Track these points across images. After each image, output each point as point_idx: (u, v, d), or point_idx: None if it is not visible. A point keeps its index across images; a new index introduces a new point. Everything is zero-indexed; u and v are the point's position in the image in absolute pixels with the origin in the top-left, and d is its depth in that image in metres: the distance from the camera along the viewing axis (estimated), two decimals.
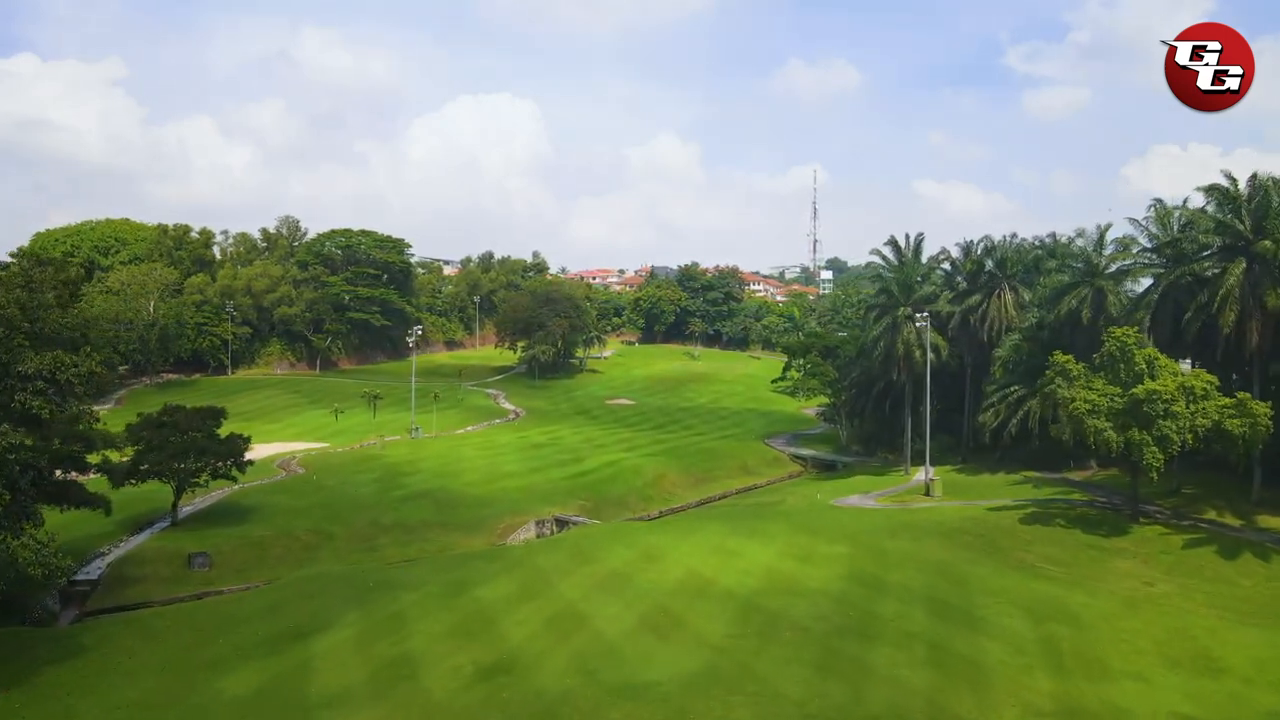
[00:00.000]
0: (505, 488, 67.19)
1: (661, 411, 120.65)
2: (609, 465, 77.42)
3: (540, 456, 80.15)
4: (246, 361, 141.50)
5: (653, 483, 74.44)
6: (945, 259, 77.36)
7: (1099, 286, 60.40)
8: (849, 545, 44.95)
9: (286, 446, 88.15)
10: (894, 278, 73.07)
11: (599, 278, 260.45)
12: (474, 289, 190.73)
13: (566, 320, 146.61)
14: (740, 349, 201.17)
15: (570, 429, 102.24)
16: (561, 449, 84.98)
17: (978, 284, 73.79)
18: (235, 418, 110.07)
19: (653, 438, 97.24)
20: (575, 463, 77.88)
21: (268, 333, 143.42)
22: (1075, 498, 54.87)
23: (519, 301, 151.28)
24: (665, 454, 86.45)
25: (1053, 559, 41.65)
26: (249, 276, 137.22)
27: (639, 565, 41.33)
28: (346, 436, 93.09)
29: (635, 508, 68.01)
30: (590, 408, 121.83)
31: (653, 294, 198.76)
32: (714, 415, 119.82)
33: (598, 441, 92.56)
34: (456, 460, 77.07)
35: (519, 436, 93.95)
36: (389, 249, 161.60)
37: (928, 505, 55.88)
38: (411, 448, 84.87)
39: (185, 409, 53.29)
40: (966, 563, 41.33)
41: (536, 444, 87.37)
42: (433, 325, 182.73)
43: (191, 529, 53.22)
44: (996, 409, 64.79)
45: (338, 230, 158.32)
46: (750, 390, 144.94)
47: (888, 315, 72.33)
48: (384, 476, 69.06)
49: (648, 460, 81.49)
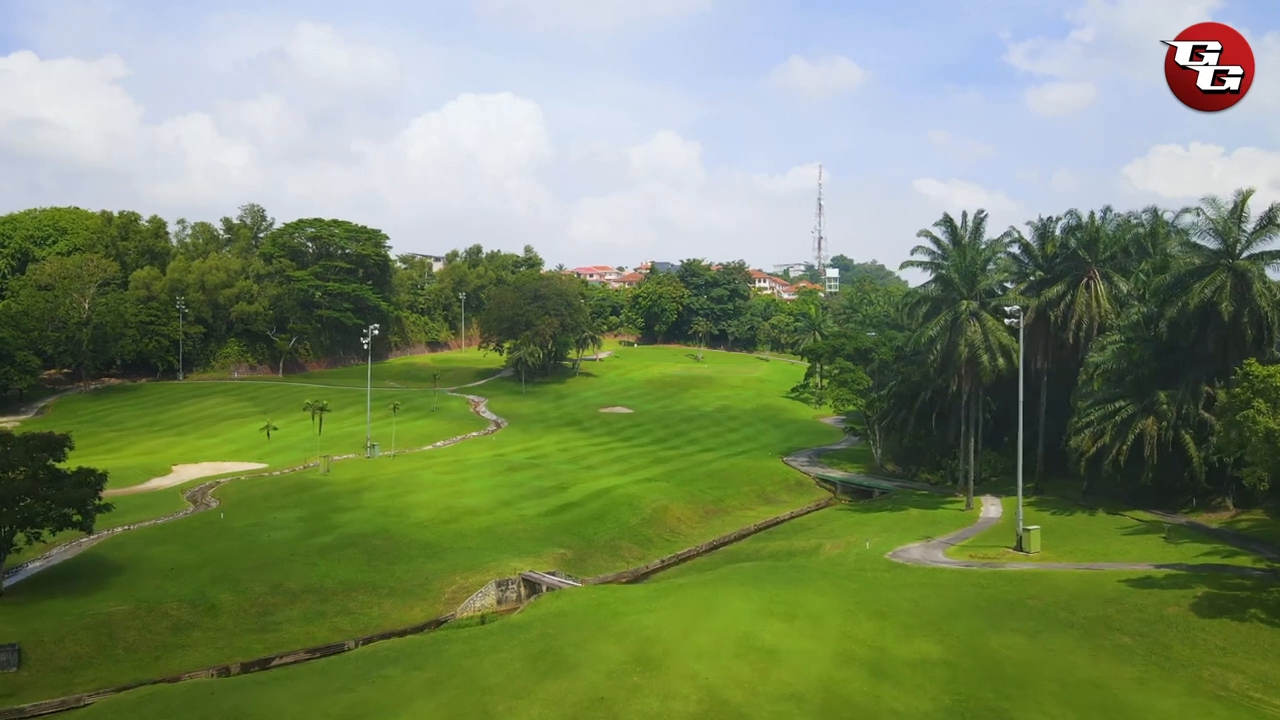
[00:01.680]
0: (464, 530, 52.82)
1: (662, 422, 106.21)
2: (599, 495, 63.08)
3: (515, 483, 65.79)
4: (201, 364, 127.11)
5: (652, 518, 60.06)
6: (1013, 241, 62.74)
7: (1242, 271, 45.87)
8: (938, 642, 30.76)
9: (214, 468, 73.90)
10: (952, 264, 58.58)
11: (596, 275, 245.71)
12: (460, 285, 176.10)
13: (557, 318, 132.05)
14: (747, 350, 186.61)
15: (556, 443, 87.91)
16: (543, 471, 70.65)
17: (1058, 271, 59.35)
18: (167, 430, 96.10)
19: (652, 455, 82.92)
20: (558, 491, 63.53)
21: (224, 332, 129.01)
22: (1246, 563, 39.39)
23: (504, 298, 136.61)
24: (668, 477, 72.19)
25: (1273, 682, 27.03)
26: (202, 270, 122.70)
27: (630, 680, 27.49)
28: (290, 454, 78.81)
29: (630, 556, 53.58)
30: (582, 417, 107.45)
31: (653, 290, 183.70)
32: (722, 426, 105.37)
33: (587, 460, 78.25)
34: (411, 488, 62.73)
35: (494, 454, 79.59)
36: (364, 241, 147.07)
37: (1028, 567, 41.01)
38: (362, 470, 70.56)
39: (12, 437, 38.83)
40: (1133, 687, 26.95)
41: (513, 465, 73.02)
42: (414, 325, 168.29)
43: (12, 603, 38.65)
44: (1096, 430, 50.30)
45: (307, 220, 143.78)
46: (760, 396, 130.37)
47: (945, 311, 57.88)
48: (313, 515, 54.72)
49: (646, 487, 67.20)
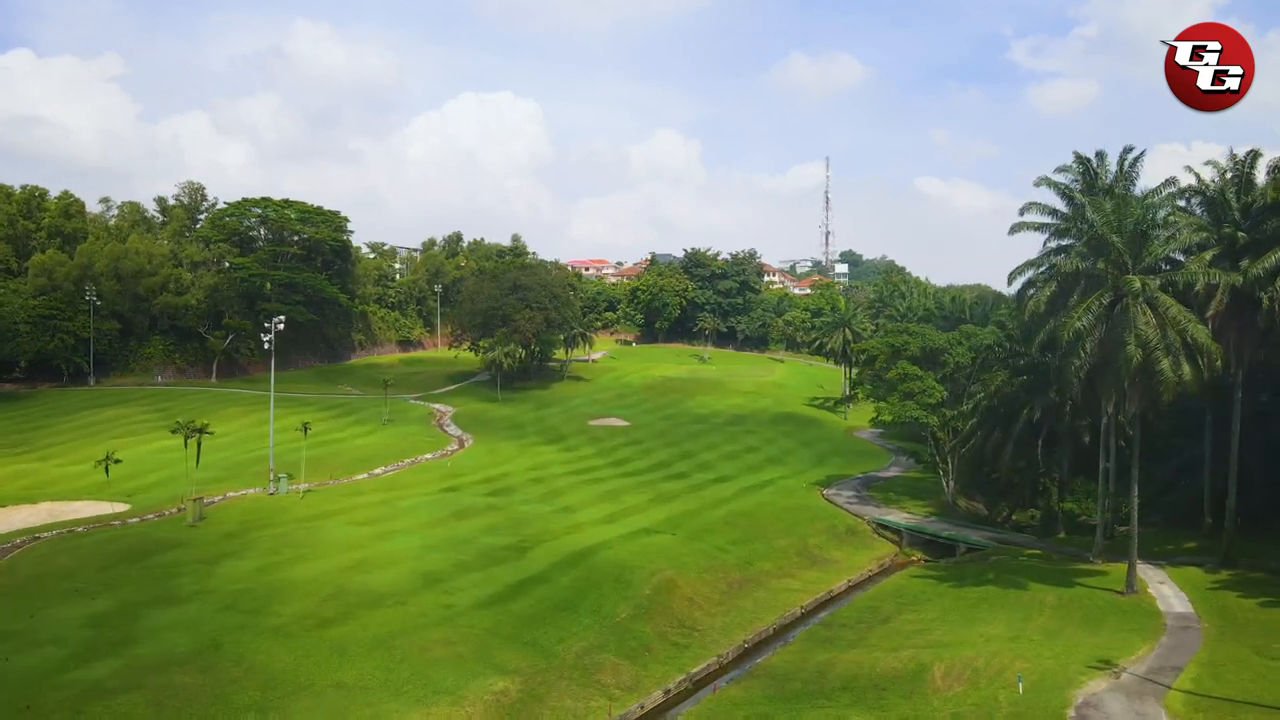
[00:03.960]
0: (349, 641, 32.88)
1: (664, 438, 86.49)
2: (574, 562, 43.27)
3: (458, 540, 46.01)
4: (119, 366, 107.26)
5: (652, 602, 40.21)
6: (1184, 192, 42.81)
7: None
8: None
9: (53, 511, 54.21)
10: (1104, 221, 38.69)
11: (593, 268, 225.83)
12: (436, 277, 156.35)
13: (541, 313, 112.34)
14: (758, 350, 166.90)
15: (529, 470, 68.24)
16: (501, 519, 50.94)
17: (1268, 234, 39.48)
18: (33, 451, 70.34)
19: (652, 489, 63.26)
20: (514, 557, 43.72)
21: (146, 329, 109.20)
22: None
23: (479, 288, 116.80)
24: (673, 525, 52.57)
25: None
26: (116, 254, 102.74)
27: None
28: (172, 488, 58.98)
29: (614, 683, 33.52)
30: (566, 432, 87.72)
31: (654, 283, 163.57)
32: (738, 444, 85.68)
33: (565, 498, 58.64)
34: (300, 553, 42.96)
35: (443, 489, 59.98)
36: (320, 224, 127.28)
37: None
38: (249, 517, 50.93)
39: None
40: None
41: (462, 508, 53.31)
42: (382, 321, 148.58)
43: None
44: None
45: (252, 199, 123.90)
46: (780, 404, 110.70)
47: (1100, 293, 38.06)
48: (119, 610, 35.00)
49: (644, 544, 47.48)
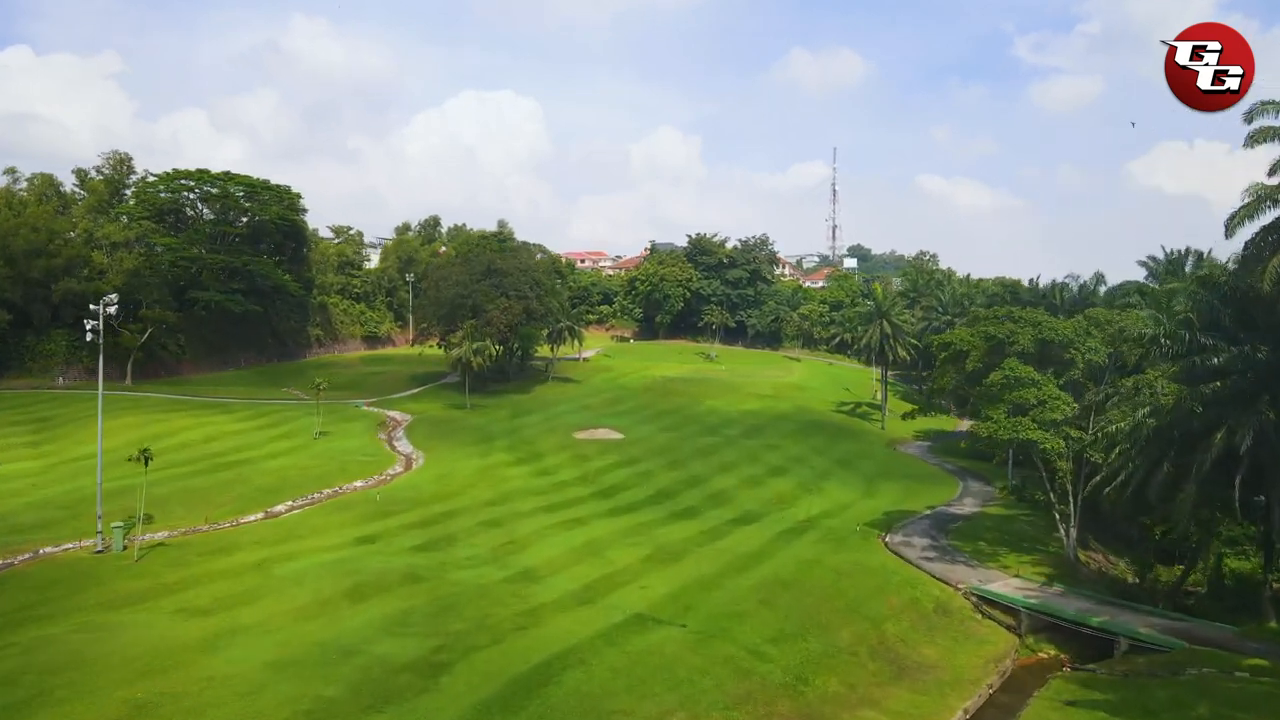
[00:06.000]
0: None
1: (667, 456, 68.62)
2: (517, 698, 25.40)
3: (332, 652, 28.22)
4: (14, 365, 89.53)
5: None
6: None
7: None
8: None
9: None
10: None
11: (589, 260, 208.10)
12: (409, 265, 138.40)
13: (520, 302, 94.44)
14: (770, 346, 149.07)
15: (486, 506, 50.46)
16: (421, 603, 33.15)
17: None
18: None
19: (652, 540, 45.36)
20: (418, 687, 25.91)
21: (46, 321, 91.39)
22: None
23: (446, 274, 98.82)
24: (684, 609, 34.70)
25: None
26: (2, 231, 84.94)
27: None
28: None
29: None
30: (544, 449, 69.82)
31: (654, 273, 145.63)
32: (760, 464, 67.86)
33: (529, 554, 40.84)
34: (43, 688, 25.14)
35: (353, 545, 42.22)
36: (267, 201, 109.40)
37: None
38: (32, 595, 33.13)
39: None
40: None
41: (364, 582, 35.48)
42: (344, 314, 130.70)
43: None
44: None
45: (184, 171, 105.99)
46: (803, 411, 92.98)
47: None
48: None
49: (635, 651, 29.64)
